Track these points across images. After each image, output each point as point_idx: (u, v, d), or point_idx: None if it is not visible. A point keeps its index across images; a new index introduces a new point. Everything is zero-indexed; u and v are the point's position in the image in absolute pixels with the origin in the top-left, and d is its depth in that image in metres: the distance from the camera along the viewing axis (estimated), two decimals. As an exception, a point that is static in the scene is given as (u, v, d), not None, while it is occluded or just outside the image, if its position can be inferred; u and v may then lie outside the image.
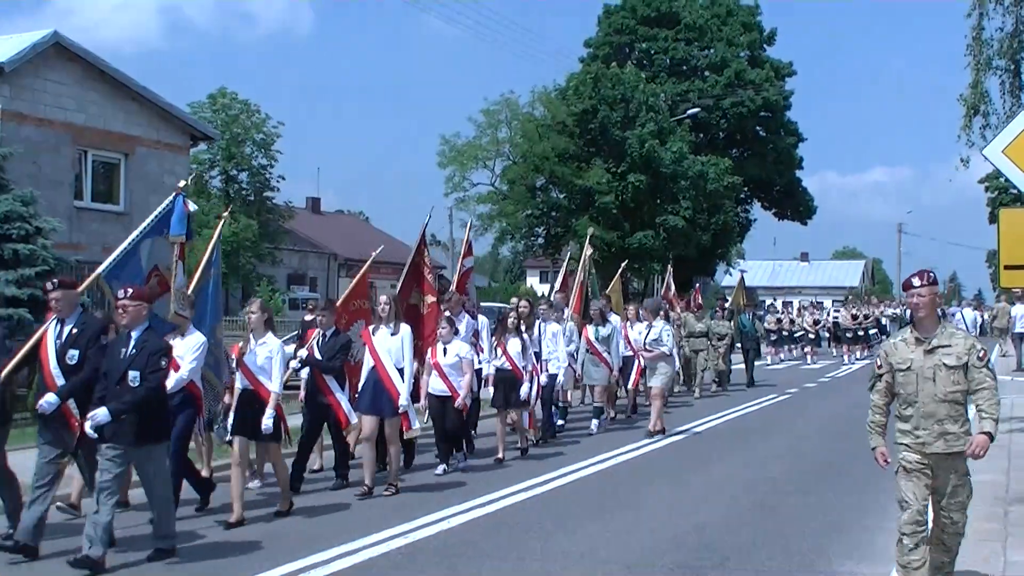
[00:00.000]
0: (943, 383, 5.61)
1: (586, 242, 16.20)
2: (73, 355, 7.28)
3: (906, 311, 19.73)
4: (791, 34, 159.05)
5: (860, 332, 28.91)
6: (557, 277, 18.13)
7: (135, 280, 8.31)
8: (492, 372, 11.54)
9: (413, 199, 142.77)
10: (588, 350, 14.03)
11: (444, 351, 10.26)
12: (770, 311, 29.43)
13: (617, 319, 15.19)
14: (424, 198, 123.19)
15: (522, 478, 10.07)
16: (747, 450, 12.46)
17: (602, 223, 36.99)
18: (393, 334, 9.32)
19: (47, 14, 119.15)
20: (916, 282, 5.69)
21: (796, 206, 50.58)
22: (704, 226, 40.56)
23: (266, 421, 8.15)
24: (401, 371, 9.25)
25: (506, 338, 11.50)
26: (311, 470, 10.33)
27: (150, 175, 22.78)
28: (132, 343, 6.91)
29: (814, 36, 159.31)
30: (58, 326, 7.43)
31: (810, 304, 33.06)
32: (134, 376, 6.77)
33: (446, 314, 10.89)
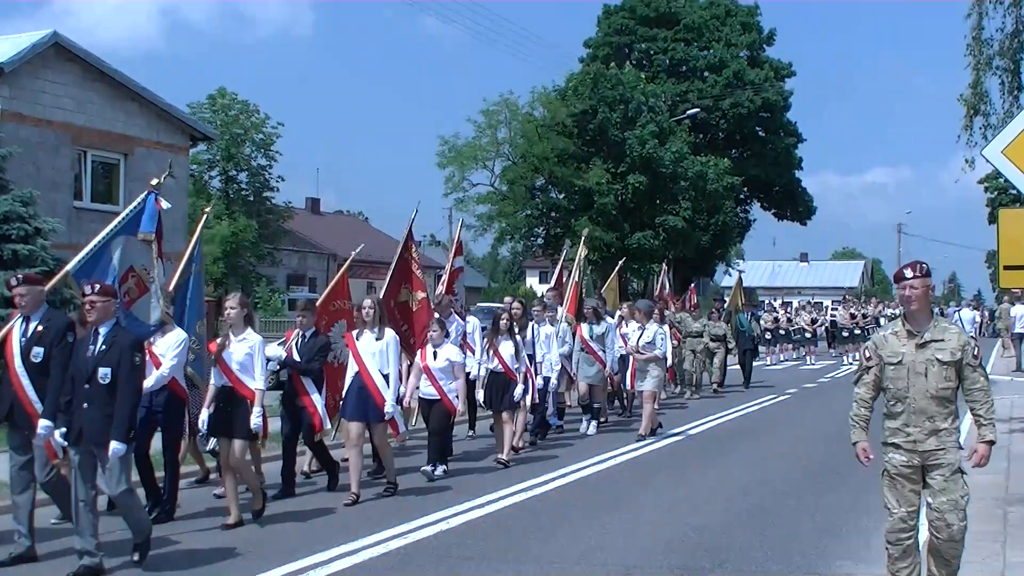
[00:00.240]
0: (935, 379, 5.40)
1: (581, 241, 16.17)
2: (38, 352, 7.05)
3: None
4: (791, 34, 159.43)
5: (858, 332, 28.82)
6: (552, 276, 18.08)
7: (104, 278, 8.08)
8: (481, 373, 11.39)
9: (413, 199, 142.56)
10: (583, 348, 13.96)
11: (434, 355, 10.05)
12: (767, 310, 29.33)
13: (611, 320, 15.13)
14: (424, 198, 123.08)
15: (521, 479, 10.05)
16: (746, 451, 12.45)
17: (602, 223, 36.96)
18: (378, 339, 9.14)
19: (46, 15, 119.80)
20: (908, 273, 5.49)
21: (795, 206, 50.54)
22: (704, 226, 40.56)
23: (254, 420, 7.89)
24: (386, 377, 9.07)
25: (498, 340, 11.28)
26: (312, 471, 10.33)
27: (150, 175, 22.34)
28: (101, 339, 6.67)
29: (814, 36, 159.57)
30: (23, 323, 7.21)
31: (808, 303, 32.97)
32: (104, 373, 6.53)
33: (436, 316, 10.82)
